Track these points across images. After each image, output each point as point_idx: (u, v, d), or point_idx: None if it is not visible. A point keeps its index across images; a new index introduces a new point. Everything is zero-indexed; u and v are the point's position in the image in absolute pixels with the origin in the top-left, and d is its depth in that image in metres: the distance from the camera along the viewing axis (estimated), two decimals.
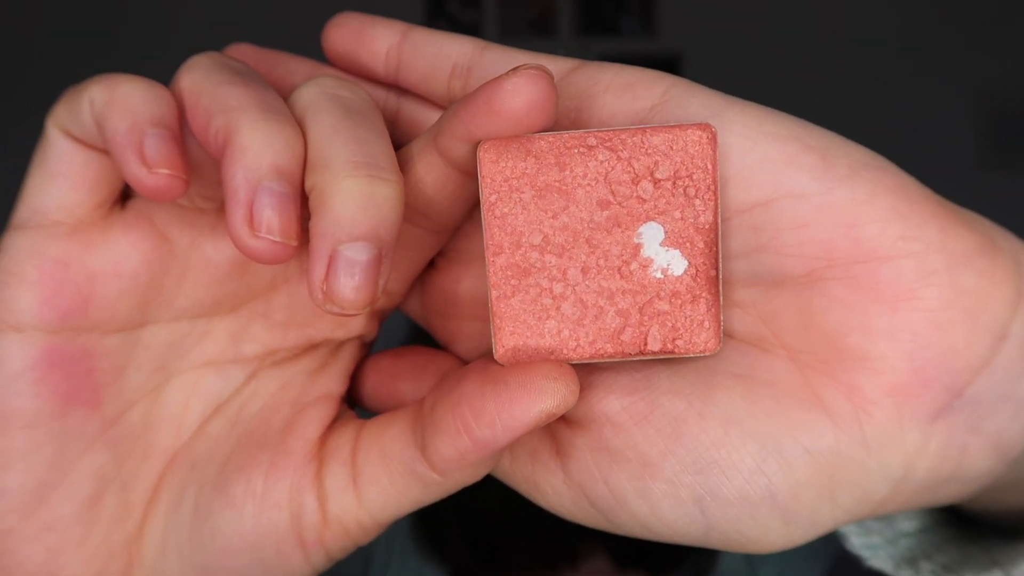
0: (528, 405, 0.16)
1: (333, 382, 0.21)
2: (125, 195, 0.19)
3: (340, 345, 0.22)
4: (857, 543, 0.26)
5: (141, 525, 0.19)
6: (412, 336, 0.58)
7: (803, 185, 0.16)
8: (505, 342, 0.17)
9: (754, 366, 0.17)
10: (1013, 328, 0.16)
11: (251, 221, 0.15)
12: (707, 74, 1.60)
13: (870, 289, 0.16)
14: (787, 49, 1.63)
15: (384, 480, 0.18)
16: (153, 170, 0.15)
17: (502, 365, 0.17)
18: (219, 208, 0.19)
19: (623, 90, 0.17)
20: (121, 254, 0.18)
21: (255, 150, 0.15)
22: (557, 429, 0.19)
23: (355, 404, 0.22)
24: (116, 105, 0.16)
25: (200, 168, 0.17)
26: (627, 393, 0.18)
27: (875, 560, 0.26)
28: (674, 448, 0.17)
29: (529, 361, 0.17)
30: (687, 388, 0.18)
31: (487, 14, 1.67)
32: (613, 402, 0.18)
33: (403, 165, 0.18)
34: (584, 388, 0.18)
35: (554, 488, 0.19)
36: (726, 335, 0.18)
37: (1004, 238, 0.17)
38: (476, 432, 0.16)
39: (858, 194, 0.16)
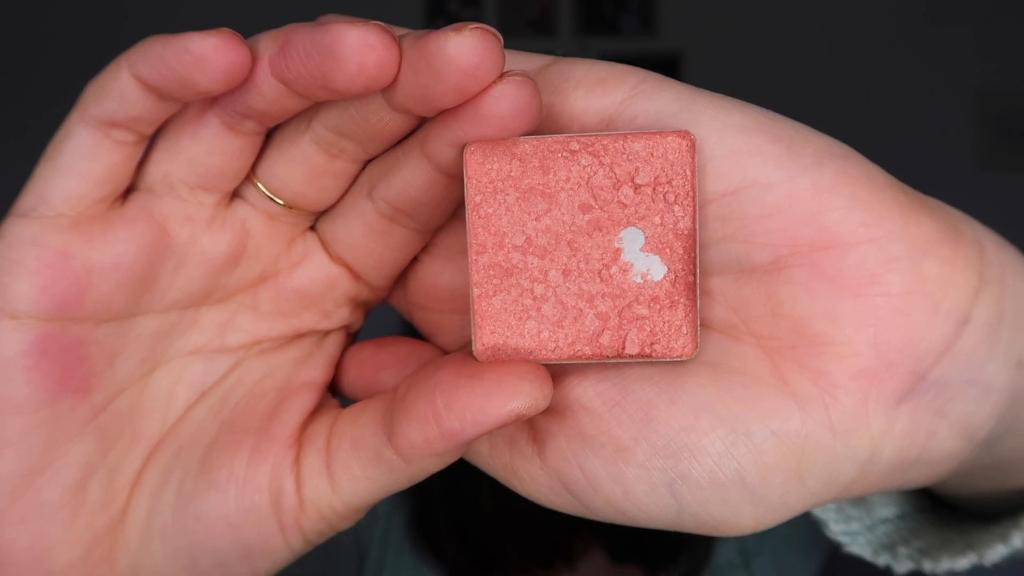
0: (500, 403, 0.16)
1: (317, 371, 0.21)
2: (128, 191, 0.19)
3: (325, 335, 0.22)
4: (836, 530, 0.27)
5: (125, 510, 0.19)
6: (403, 329, 0.58)
7: (768, 174, 0.16)
8: (485, 340, 0.18)
9: (724, 353, 0.18)
10: (975, 313, 0.17)
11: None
12: (707, 74, 1.60)
13: (834, 276, 0.16)
14: (787, 49, 1.63)
15: (354, 466, 0.18)
16: (216, 32, 0.16)
17: (480, 361, 0.18)
18: (220, 200, 0.19)
19: (594, 85, 0.17)
20: (121, 248, 0.18)
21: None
22: (534, 416, 0.19)
23: (337, 393, 0.22)
24: (155, 39, 0.16)
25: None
26: (600, 380, 0.18)
27: (854, 546, 0.27)
28: (646, 433, 0.18)
29: (507, 360, 0.17)
30: (658, 375, 0.18)
31: (487, 13, 1.67)
32: (587, 388, 0.18)
33: (391, 169, 0.19)
34: (558, 375, 0.19)
35: (531, 475, 0.19)
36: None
37: (968, 225, 0.18)
38: (445, 422, 0.17)
39: (822, 182, 0.16)
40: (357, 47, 0.15)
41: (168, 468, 0.20)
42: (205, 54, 0.16)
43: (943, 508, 0.27)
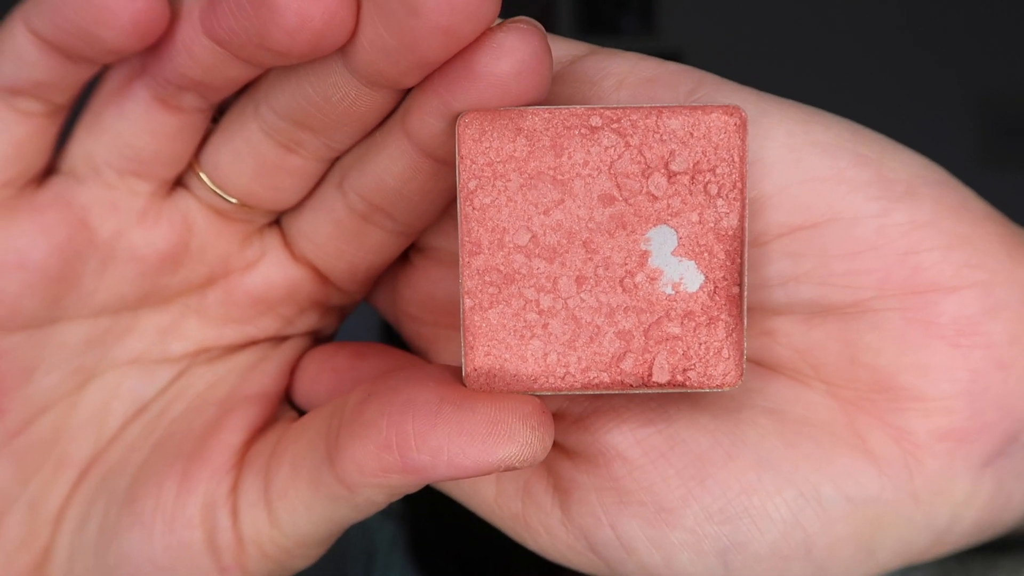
0: (490, 447, 0.13)
1: (269, 379, 0.18)
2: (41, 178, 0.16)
3: (284, 339, 0.19)
4: None
5: (49, 548, 0.17)
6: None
7: (856, 207, 0.14)
8: (477, 363, 0.15)
9: (788, 400, 0.16)
10: None
11: None
12: None
13: (928, 323, 0.15)
14: (787, 48, 1.62)
15: (291, 493, 0.15)
16: None
17: (468, 387, 0.15)
18: (156, 189, 0.16)
19: (640, 87, 0.15)
20: (28, 242, 0.15)
21: None
22: (556, 461, 0.17)
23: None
24: None
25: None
26: (641, 425, 0.16)
27: None
28: (698, 493, 0.15)
29: (505, 389, 0.15)
30: (711, 423, 0.16)
31: None
32: (625, 434, 0.16)
33: (366, 155, 0.16)
34: (589, 415, 0.16)
35: (549, 530, 0.17)
36: (755, 363, 0.16)
37: None
38: (413, 453, 0.14)
39: (918, 216, 0.15)
40: None
41: (92, 498, 0.17)
42: (106, 2, 0.13)
43: None
